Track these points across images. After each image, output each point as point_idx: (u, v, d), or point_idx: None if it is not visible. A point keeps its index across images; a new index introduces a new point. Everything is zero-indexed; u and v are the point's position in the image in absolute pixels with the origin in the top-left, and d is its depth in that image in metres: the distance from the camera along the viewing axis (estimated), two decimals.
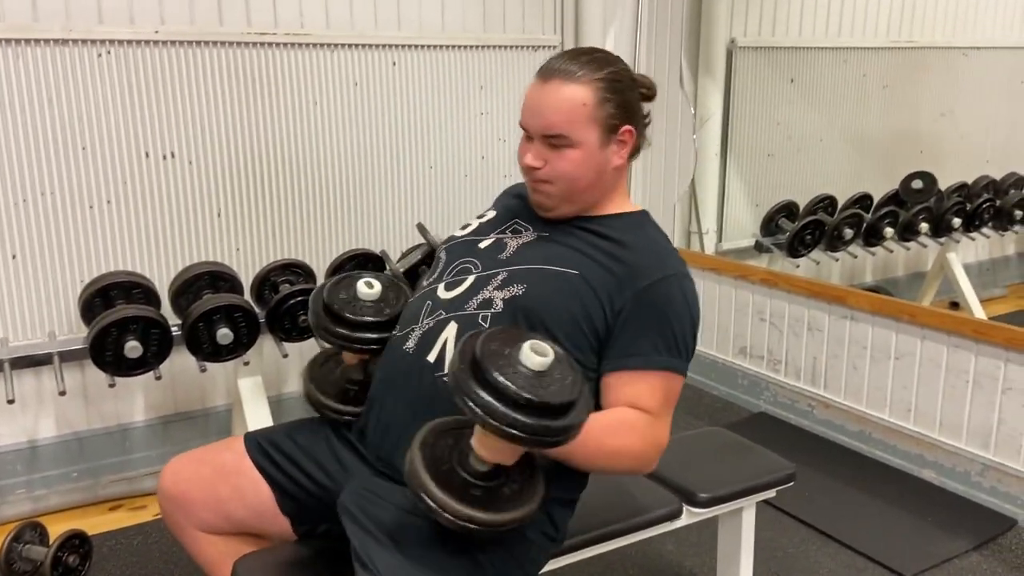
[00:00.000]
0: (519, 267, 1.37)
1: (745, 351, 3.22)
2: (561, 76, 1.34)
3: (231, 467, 1.49)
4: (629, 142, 1.39)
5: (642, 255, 1.36)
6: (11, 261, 2.40)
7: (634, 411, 1.31)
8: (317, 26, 2.72)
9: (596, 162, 1.36)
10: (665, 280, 1.34)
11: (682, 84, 3.31)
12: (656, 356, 1.32)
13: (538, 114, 1.36)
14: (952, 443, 2.54)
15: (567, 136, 1.34)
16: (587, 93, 1.33)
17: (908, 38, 3.57)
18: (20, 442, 2.51)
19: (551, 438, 1.10)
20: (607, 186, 1.41)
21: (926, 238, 3.42)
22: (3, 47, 2.29)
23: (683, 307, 1.35)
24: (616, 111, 1.35)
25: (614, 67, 1.38)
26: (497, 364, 1.09)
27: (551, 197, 1.40)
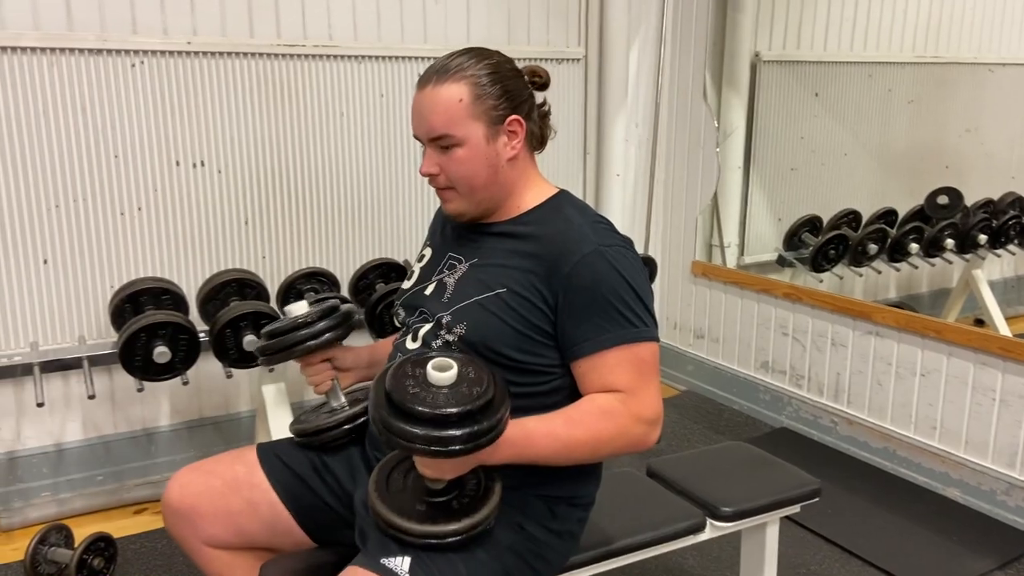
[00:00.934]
0: (459, 306, 1.36)
1: (767, 366, 3.21)
2: (436, 78, 1.34)
3: (243, 480, 1.47)
4: (520, 131, 1.37)
5: (557, 243, 1.33)
6: (43, 266, 2.44)
7: (605, 394, 1.29)
8: (345, 38, 2.76)
9: (486, 157, 1.34)
10: (584, 258, 1.30)
11: (706, 97, 3.32)
12: (605, 335, 1.29)
13: (420, 119, 1.36)
14: (978, 461, 2.51)
15: (450, 135, 1.33)
16: (462, 89, 1.32)
17: (934, 53, 3.56)
18: (47, 445, 2.54)
19: (468, 443, 1.12)
20: (509, 180, 1.38)
21: (951, 254, 3.39)
22: (39, 55, 2.34)
23: (612, 276, 1.30)
24: (498, 102, 1.33)
25: (489, 59, 1.36)
26: (408, 393, 1.14)
27: (455, 201, 1.39)
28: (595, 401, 1.30)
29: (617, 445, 1.30)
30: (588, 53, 3.26)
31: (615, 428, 1.28)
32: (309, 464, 1.50)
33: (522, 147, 1.38)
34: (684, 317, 3.54)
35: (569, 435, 1.26)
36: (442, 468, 1.19)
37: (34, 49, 2.33)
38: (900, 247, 3.35)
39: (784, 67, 3.46)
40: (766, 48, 3.37)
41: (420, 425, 1.12)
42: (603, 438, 1.28)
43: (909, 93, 3.64)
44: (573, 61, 3.24)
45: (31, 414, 2.49)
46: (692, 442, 3.01)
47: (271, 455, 1.51)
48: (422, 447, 1.12)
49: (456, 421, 1.12)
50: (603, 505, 1.54)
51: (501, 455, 1.22)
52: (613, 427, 1.28)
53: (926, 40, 3.54)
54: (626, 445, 1.31)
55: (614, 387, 1.29)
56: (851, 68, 3.54)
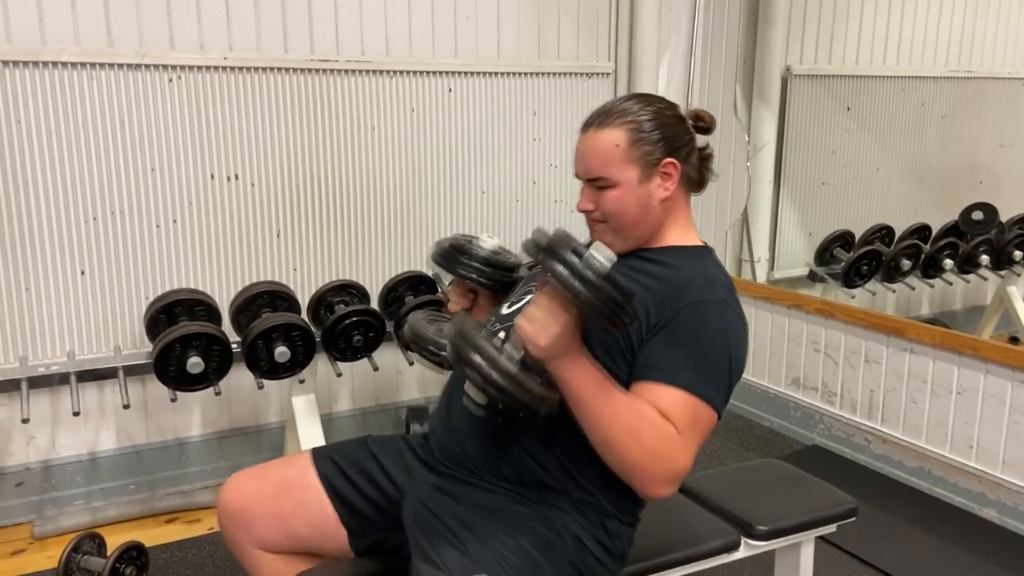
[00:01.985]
0: None
1: (798, 382, 3.17)
2: (596, 124, 1.42)
3: (295, 481, 1.52)
4: (674, 175, 1.42)
5: (685, 279, 1.37)
6: (80, 277, 2.48)
7: (660, 415, 1.27)
8: (377, 53, 2.78)
9: (638, 198, 1.41)
10: (704, 303, 1.34)
11: (736, 112, 3.31)
12: (682, 373, 1.29)
13: (581, 161, 1.44)
14: (1015, 482, 2.46)
15: (606, 178, 1.40)
16: (619, 135, 1.40)
17: (968, 68, 3.52)
18: (81, 454, 2.58)
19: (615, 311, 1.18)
20: (657, 219, 1.44)
21: (986, 271, 3.34)
22: (79, 70, 2.39)
23: (719, 334, 1.33)
24: (653, 147, 1.40)
25: (649, 106, 1.43)
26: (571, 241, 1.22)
27: (605, 234, 1.44)
28: (654, 413, 1.27)
29: (640, 462, 1.26)
30: (618, 67, 3.27)
31: (656, 442, 1.25)
32: (361, 466, 1.53)
33: (676, 188, 1.43)
34: None
35: (623, 411, 1.25)
36: (548, 322, 1.21)
37: (75, 64, 2.37)
38: (934, 263, 3.30)
39: (815, 81, 3.44)
40: (797, 62, 3.36)
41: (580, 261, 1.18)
42: (643, 440, 1.25)
43: (943, 108, 3.60)
44: (603, 75, 3.24)
45: (66, 423, 2.52)
46: (722, 459, 2.98)
47: (324, 456, 1.56)
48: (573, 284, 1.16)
49: (606, 278, 1.18)
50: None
51: (571, 370, 1.24)
52: (655, 440, 1.25)
53: (959, 54, 3.50)
54: (645, 471, 1.27)
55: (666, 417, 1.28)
56: (883, 82, 3.52)
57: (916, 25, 3.42)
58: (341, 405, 2.94)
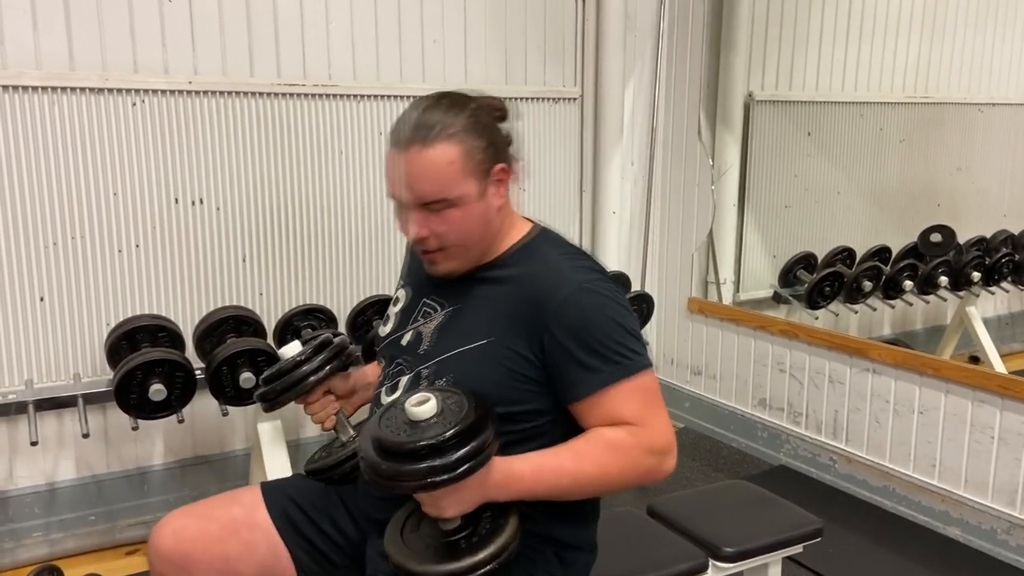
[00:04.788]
0: (440, 358, 1.32)
1: (764, 403, 3.20)
2: (420, 140, 1.25)
3: (242, 521, 1.43)
4: (506, 178, 1.32)
5: (538, 286, 1.28)
6: (39, 303, 2.43)
7: (613, 427, 1.25)
8: (344, 77, 2.79)
9: (480, 213, 1.29)
10: (567, 300, 1.25)
11: (700, 136, 3.36)
12: (600, 374, 1.24)
13: (407, 185, 1.27)
14: (978, 500, 2.50)
15: (446, 199, 1.26)
16: (451, 150, 1.24)
17: (924, 93, 3.62)
18: (39, 484, 2.51)
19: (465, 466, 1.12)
20: (497, 228, 1.34)
21: (945, 291, 3.41)
22: (40, 94, 2.36)
23: (597, 314, 1.26)
24: (484, 156, 1.27)
25: (467, 109, 1.28)
26: (391, 433, 1.16)
27: (446, 263, 1.34)
28: (602, 434, 1.25)
29: (628, 478, 1.26)
30: (584, 92, 3.30)
31: (625, 461, 1.24)
32: (318, 502, 1.47)
33: (506, 191, 1.34)
34: (681, 354, 3.54)
35: (578, 469, 1.23)
36: (441, 503, 1.17)
37: (35, 88, 2.34)
38: (894, 284, 3.37)
39: (777, 107, 3.51)
40: (759, 88, 3.42)
41: (409, 461, 1.13)
42: (612, 472, 1.24)
43: (900, 132, 3.70)
44: (569, 100, 3.28)
45: (24, 453, 2.46)
46: (691, 480, 2.99)
47: (278, 492, 1.48)
48: (416, 484, 1.13)
49: (440, 449, 1.12)
50: (604, 545, 1.52)
51: (509, 491, 1.20)
52: (623, 460, 1.24)
53: (916, 81, 3.60)
54: (638, 477, 1.27)
55: (621, 420, 1.25)
56: (843, 108, 3.60)
57: (873, 52, 3.51)
58: (308, 431, 2.91)
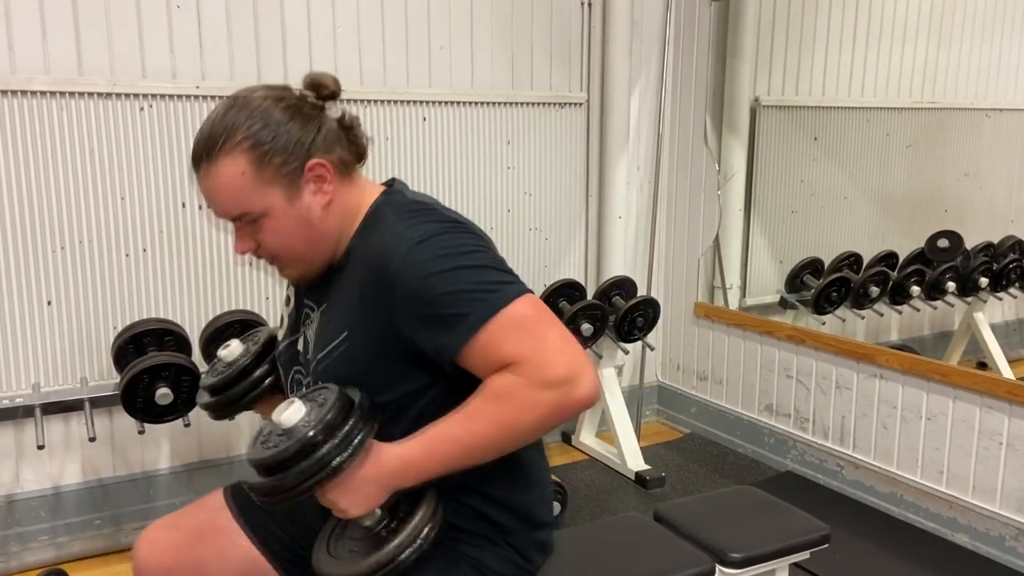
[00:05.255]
0: (317, 364, 1.26)
1: (771, 408, 3.19)
2: (207, 155, 1.18)
3: (207, 527, 1.43)
4: (325, 173, 1.21)
5: (375, 257, 1.18)
6: (46, 308, 2.44)
7: (499, 374, 1.12)
8: (351, 82, 2.79)
9: (296, 219, 1.20)
10: (402, 261, 1.14)
11: (707, 141, 3.35)
12: (462, 323, 1.12)
13: (212, 204, 1.22)
14: (986, 507, 2.48)
15: (249, 212, 1.19)
16: (238, 161, 1.16)
17: (931, 99, 3.61)
18: (45, 488, 2.52)
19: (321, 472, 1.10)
20: (332, 226, 1.24)
21: (953, 297, 3.40)
22: (49, 99, 2.37)
23: (437, 264, 1.14)
24: (285, 157, 1.17)
25: (255, 111, 1.18)
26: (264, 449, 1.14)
27: (290, 271, 1.29)
28: (488, 385, 1.13)
29: (532, 422, 1.12)
30: (590, 98, 3.31)
31: (519, 406, 1.11)
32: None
33: (334, 185, 1.23)
34: (687, 359, 3.54)
35: (469, 432, 1.12)
36: (340, 504, 1.14)
37: (44, 93, 2.36)
38: (901, 290, 3.36)
39: (783, 112, 3.51)
40: (765, 93, 3.42)
41: (288, 467, 1.10)
42: (508, 422, 1.12)
43: (907, 138, 3.69)
44: (575, 105, 3.28)
45: (31, 456, 2.46)
46: (697, 486, 2.98)
47: (241, 491, 1.45)
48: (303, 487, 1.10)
49: (315, 444, 1.09)
50: (609, 550, 1.52)
51: (407, 476, 1.14)
52: (516, 405, 1.11)
53: (923, 86, 3.59)
54: (544, 416, 1.12)
55: (507, 362, 1.11)
56: (849, 113, 3.59)
57: (880, 57, 3.51)
58: None
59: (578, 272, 3.38)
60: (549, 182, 3.27)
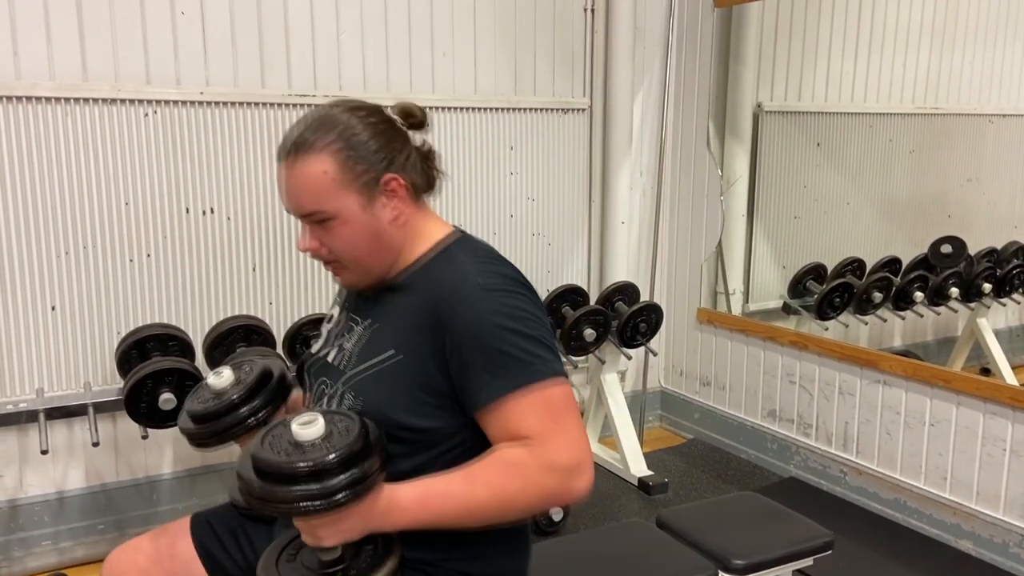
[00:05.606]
0: (353, 377, 1.27)
1: (774, 414, 3.19)
2: (296, 149, 1.23)
3: (164, 552, 1.45)
4: (399, 189, 1.26)
5: (438, 289, 1.22)
6: (50, 313, 2.44)
7: (511, 445, 1.15)
8: (354, 88, 2.80)
9: (366, 226, 1.24)
10: (464, 302, 1.18)
11: (709, 147, 3.36)
12: (499, 381, 1.15)
13: (288, 197, 1.26)
14: (990, 513, 2.48)
15: (321, 211, 1.23)
16: (325, 161, 1.21)
17: (934, 105, 3.61)
18: (48, 493, 2.52)
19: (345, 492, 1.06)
20: (396, 241, 1.28)
21: (956, 303, 3.40)
22: (54, 105, 2.38)
23: (497, 317, 1.17)
24: (368, 166, 1.22)
25: (351, 119, 1.24)
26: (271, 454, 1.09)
27: (347, 276, 1.30)
28: (499, 453, 1.16)
29: (530, 499, 1.16)
30: (593, 103, 3.31)
31: (522, 482, 1.14)
32: (233, 530, 1.47)
33: (405, 203, 1.28)
34: (690, 364, 3.54)
35: (469, 493, 1.14)
36: (319, 533, 1.11)
37: (49, 99, 2.37)
38: (905, 295, 3.35)
39: (786, 117, 3.51)
40: (768, 99, 3.42)
41: (287, 483, 1.06)
42: (508, 494, 1.14)
43: (910, 143, 3.68)
44: (579, 111, 3.29)
45: (34, 461, 2.47)
46: (700, 491, 2.98)
47: (201, 520, 1.48)
48: (293, 507, 1.06)
49: (320, 474, 1.05)
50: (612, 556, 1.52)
51: (391, 519, 1.13)
52: (520, 481, 1.14)
53: (926, 91, 3.59)
54: (541, 499, 1.16)
55: (521, 434, 1.15)
56: (852, 119, 3.59)
57: (883, 63, 3.51)
58: None
59: (581, 277, 3.38)
60: (552, 187, 3.27)
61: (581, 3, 3.23)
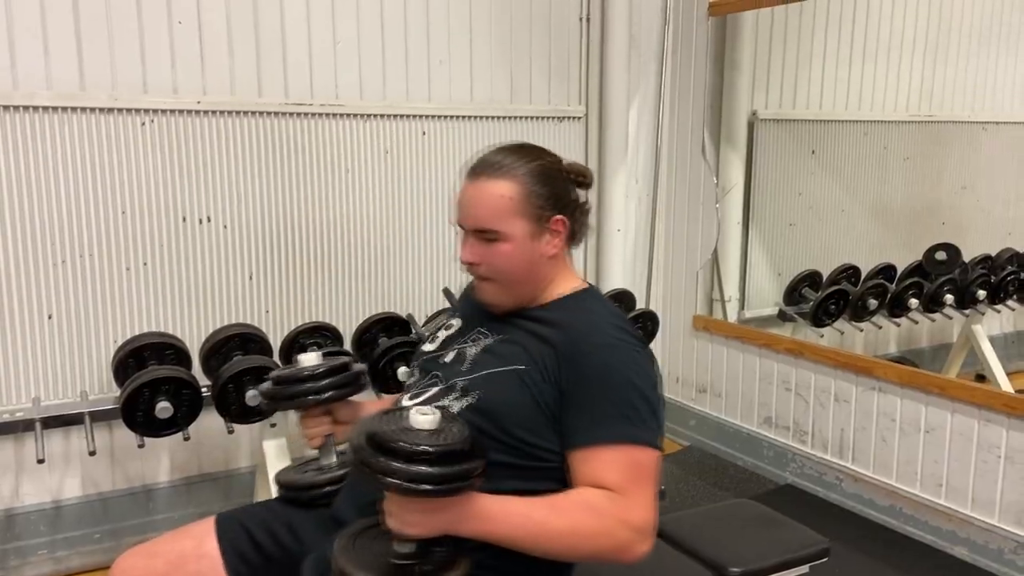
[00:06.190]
0: (474, 376, 1.37)
1: (770, 421, 3.19)
2: (487, 172, 1.37)
3: (190, 553, 1.44)
4: (562, 231, 1.40)
5: (575, 330, 1.34)
6: (47, 321, 2.44)
7: (594, 489, 1.24)
8: (351, 97, 2.81)
9: (528, 253, 1.37)
10: (597, 349, 1.31)
11: (704, 155, 3.37)
12: (602, 428, 1.26)
13: (467, 210, 1.39)
14: (985, 519, 2.49)
15: (496, 230, 1.35)
16: (512, 187, 1.35)
17: (928, 112, 3.63)
18: (45, 502, 2.52)
19: (449, 483, 1.14)
20: (545, 275, 1.41)
21: (951, 310, 3.41)
22: (51, 114, 2.38)
23: (622, 372, 1.29)
24: (544, 202, 1.37)
25: (540, 159, 1.40)
26: (388, 430, 1.17)
27: (493, 293, 1.41)
28: (583, 493, 1.24)
29: (599, 545, 1.22)
30: (589, 111, 3.32)
31: (598, 526, 1.21)
32: (267, 525, 1.48)
33: (561, 245, 1.41)
34: (686, 371, 3.54)
35: (547, 520, 1.21)
36: (408, 518, 1.16)
37: (46, 108, 2.37)
38: (900, 302, 3.37)
39: (781, 125, 3.53)
40: (763, 107, 3.44)
41: (394, 458, 1.13)
42: (583, 532, 1.21)
43: (904, 151, 3.71)
44: (574, 119, 3.30)
45: (30, 470, 2.46)
46: (696, 499, 2.98)
47: (230, 520, 1.49)
48: (393, 481, 1.12)
49: (428, 459, 1.13)
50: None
51: (472, 526, 1.18)
52: (597, 524, 1.21)
53: (920, 100, 3.61)
54: (610, 548, 1.23)
55: (604, 484, 1.24)
56: (847, 126, 3.61)
57: (877, 71, 3.53)
58: None
59: None
60: None
61: (577, 12, 3.25)
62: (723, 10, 3.26)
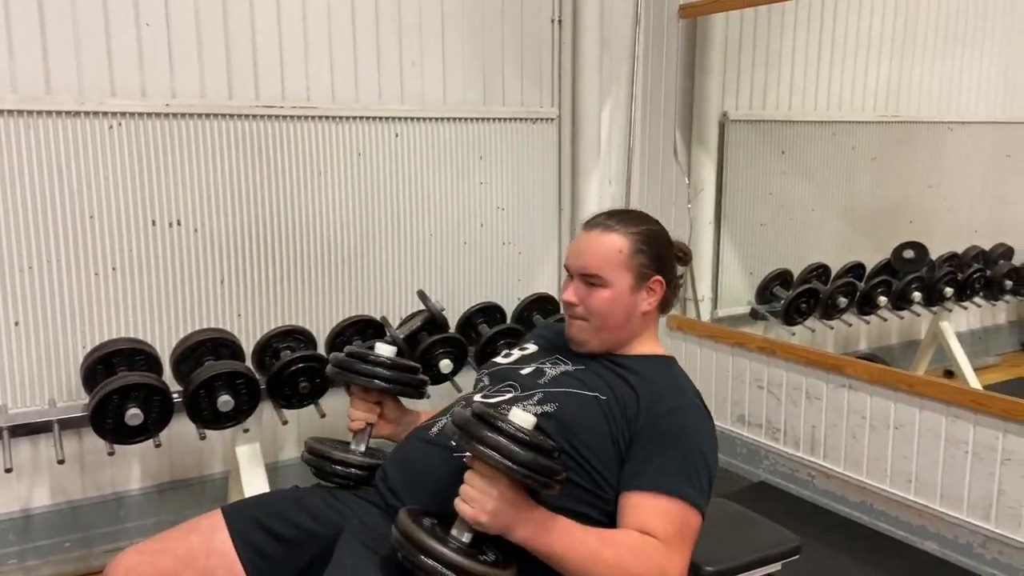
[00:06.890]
0: (554, 390, 1.49)
1: (743, 419, 3.22)
2: (604, 226, 1.54)
3: (199, 549, 1.43)
4: (658, 291, 1.55)
5: (659, 385, 1.46)
6: (13, 328, 2.40)
7: (641, 534, 1.32)
8: (323, 99, 2.79)
9: (626, 304, 1.52)
10: (680, 407, 1.43)
11: (676, 155, 3.39)
12: (666, 479, 1.35)
13: (579, 256, 1.55)
14: (953, 514, 2.53)
15: (601, 276, 1.51)
16: (624, 242, 1.52)
17: (895, 113, 3.68)
18: (13, 511, 2.48)
19: (543, 476, 1.21)
20: (636, 328, 1.55)
21: (919, 307, 3.46)
22: (15, 118, 2.34)
23: (695, 436, 1.40)
24: (649, 262, 1.53)
25: (652, 225, 1.58)
26: (496, 413, 1.25)
27: (584, 331, 1.54)
28: (632, 535, 1.32)
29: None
30: (562, 113, 3.33)
31: (642, 569, 1.28)
32: (277, 511, 1.49)
33: (655, 305, 1.56)
34: None
35: (598, 550, 1.27)
36: (488, 505, 1.21)
37: (11, 112, 2.33)
38: (869, 300, 3.41)
39: (751, 126, 3.56)
40: (733, 108, 3.47)
41: (502, 435, 1.20)
42: (626, 569, 1.28)
43: (872, 151, 3.75)
44: (547, 121, 3.31)
45: None
46: None
47: (239, 513, 1.50)
48: (499, 457, 1.19)
49: (527, 444, 1.20)
50: None
51: (532, 532, 1.25)
52: (640, 567, 1.28)
53: (887, 100, 3.66)
54: None
55: (653, 532, 1.31)
56: (815, 127, 3.65)
57: (845, 73, 3.57)
58: (287, 453, 2.89)
59: (551, 286, 3.40)
60: (522, 196, 3.29)
61: (548, 14, 3.26)
62: (694, 12, 3.28)
